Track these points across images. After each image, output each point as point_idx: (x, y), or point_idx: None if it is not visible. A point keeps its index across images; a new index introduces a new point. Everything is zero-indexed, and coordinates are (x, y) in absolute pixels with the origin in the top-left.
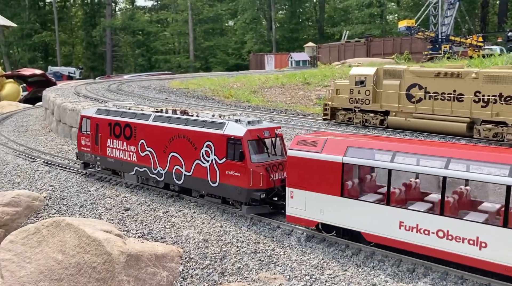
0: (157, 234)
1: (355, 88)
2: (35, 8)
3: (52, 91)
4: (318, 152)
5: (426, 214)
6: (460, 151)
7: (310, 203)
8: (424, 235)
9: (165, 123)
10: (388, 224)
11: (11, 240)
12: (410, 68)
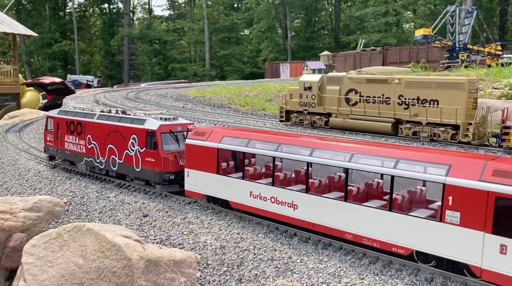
0: (175, 240)
1: (304, 93)
2: (55, 18)
3: (72, 99)
4: (204, 140)
5: (265, 185)
6: (286, 137)
7: (199, 179)
8: (263, 201)
9: (105, 120)
10: (244, 194)
11: (33, 244)
12: (347, 75)
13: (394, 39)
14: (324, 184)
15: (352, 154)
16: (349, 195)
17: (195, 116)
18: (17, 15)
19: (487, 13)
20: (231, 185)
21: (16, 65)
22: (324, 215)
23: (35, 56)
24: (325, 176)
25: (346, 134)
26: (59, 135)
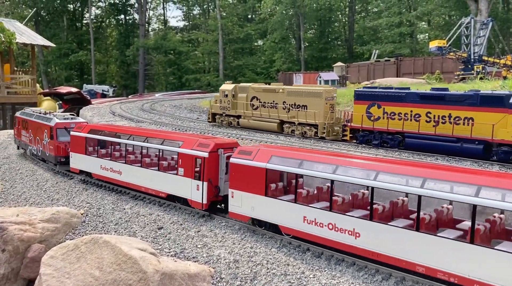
0: (189, 253)
1: (223, 99)
2: (72, 29)
3: (89, 110)
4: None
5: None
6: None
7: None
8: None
9: (36, 119)
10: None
11: (51, 256)
12: (252, 85)
13: (408, 50)
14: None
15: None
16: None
17: (208, 129)
18: (36, 26)
19: (503, 24)
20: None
21: (34, 75)
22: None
23: (52, 66)
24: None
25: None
26: (18, 130)
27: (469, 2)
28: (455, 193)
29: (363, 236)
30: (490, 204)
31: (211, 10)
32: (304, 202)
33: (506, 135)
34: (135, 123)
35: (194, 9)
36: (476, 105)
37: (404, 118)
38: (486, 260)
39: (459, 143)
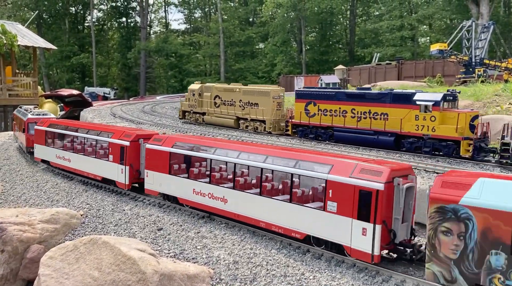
0: (189, 254)
1: (191, 98)
2: (74, 31)
3: (90, 112)
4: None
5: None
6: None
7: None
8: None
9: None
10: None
11: (50, 256)
12: (215, 85)
13: (409, 53)
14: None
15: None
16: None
17: (209, 130)
18: (38, 28)
19: (504, 27)
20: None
21: (36, 78)
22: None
23: (54, 68)
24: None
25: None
26: (14, 126)
27: (470, 6)
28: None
29: (229, 201)
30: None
31: (212, 13)
32: (193, 178)
33: (411, 128)
34: (136, 125)
35: (196, 12)
36: (389, 102)
37: (333, 115)
38: (303, 213)
39: (376, 135)
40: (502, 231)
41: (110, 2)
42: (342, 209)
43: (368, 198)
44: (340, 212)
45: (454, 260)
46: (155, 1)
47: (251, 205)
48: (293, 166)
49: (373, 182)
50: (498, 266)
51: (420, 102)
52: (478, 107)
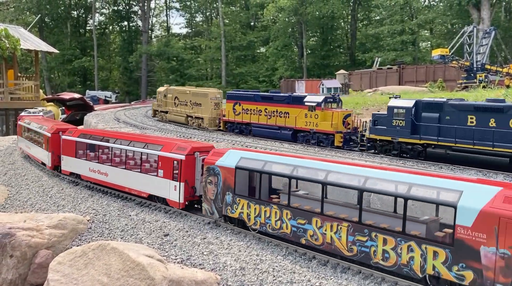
0: (196, 260)
1: (159, 98)
2: (76, 35)
3: (94, 117)
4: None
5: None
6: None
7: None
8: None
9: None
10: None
11: (59, 262)
12: (175, 88)
13: (410, 58)
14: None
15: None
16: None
17: (212, 136)
18: (40, 32)
19: (505, 32)
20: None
21: (37, 81)
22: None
23: (55, 72)
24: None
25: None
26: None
27: (471, 11)
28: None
29: (109, 175)
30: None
31: (213, 17)
32: (89, 159)
33: (302, 124)
34: (140, 130)
35: (197, 16)
36: (290, 103)
37: (252, 113)
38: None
39: (280, 130)
40: (230, 180)
41: (112, 6)
42: (165, 174)
43: (177, 165)
44: (165, 176)
45: (213, 200)
46: (156, 5)
47: (121, 177)
48: (143, 147)
49: (180, 154)
50: (229, 202)
51: (308, 103)
52: None
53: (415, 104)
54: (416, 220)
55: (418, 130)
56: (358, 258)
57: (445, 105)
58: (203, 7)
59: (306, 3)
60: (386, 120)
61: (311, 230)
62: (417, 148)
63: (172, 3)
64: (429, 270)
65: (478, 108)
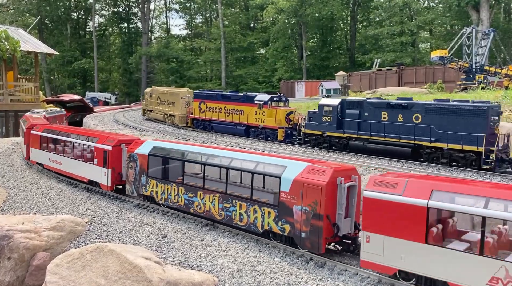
0: (193, 262)
1: (146, 98)
2: (76, 36)
3: (93, 119)
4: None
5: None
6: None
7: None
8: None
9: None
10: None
11: (56, 264)
12: (158, 88)
13: (409, 59)
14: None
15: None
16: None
17: (184, 133)
18: (40, 34)
19: (504, 34)
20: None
21: (37, 83)
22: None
23: (55, 73)
24: None
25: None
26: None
27: (470, 12)
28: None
29: (63, 164)
30: None
31: (213, 18)
32: (49, 151)
33: (253, 120)
34: (139, 132)
35: (197, 18)
36: (244, 102)
37: (214, 111)
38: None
39: (235, 126)
40: (144, 164)
41: (111, 8)
42: (98, 162)
43: (105, 154)
44: (98, 164)
45: (133, 182)
46: (156, 7)
47: (71, 165)
48: (85, 139)
49: (108, 146)
50: (144, 183)
51: (257, 102)
52: None
53: (341, 102)
54: (268, 190)
55: (343, 125)
56: (225, 220)
57: (364, 103)
58: (202, 9)
59: (306, 4)
60: (318, 117)
61: (196, 201)
62: (342, 141)
63: (172, 4)
64: (265, 226)
65: (389, 106)
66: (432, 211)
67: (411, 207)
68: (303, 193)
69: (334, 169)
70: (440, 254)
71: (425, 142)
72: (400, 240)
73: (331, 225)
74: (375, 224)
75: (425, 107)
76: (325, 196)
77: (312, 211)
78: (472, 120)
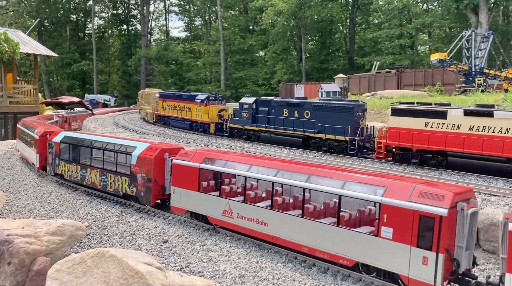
0: (195, 268)
1: (139, 99)
2: (75, 39)
3: (92, 122)
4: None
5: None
6: None
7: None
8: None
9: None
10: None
11: (57, 269)
12: (145, 91)
13: (408, 61)
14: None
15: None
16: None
17: (212, 141)
18: (39, 36)
19: (503, 36)
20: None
21: (36, 85)
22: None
23: (54, 75)
24: None
25: None
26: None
27: (469, 15)
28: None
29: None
30: None
31: (212, 21)
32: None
33: (195, 116)
34: (139, 135)
35: (196, 20)
36: (191, 100)
37: (171, 108)
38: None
39: (184, 121)
40: (57, 150)
41: (111, 10)
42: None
43: None
44: None
45: (51, 164)
46: (155, 9)
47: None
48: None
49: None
50: (57, 164)
51: (197, 100)
52: None
53: (255, 101)
54: (125, 164)
55: (256, 120)
56: (102, 188)
57: (272, 101)
58: (202, 11)
59: (305, 7)
60: (239, 114)
61: (87, 176)
62: (256, 133)
63: (171, 7)
64: (124, 190)
65: (289, 104)
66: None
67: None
68: (142, 165)
69: (162, 148)
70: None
71: (310, 133)
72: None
73: (160, 186)
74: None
75: (312, 105)
76: (153, 165)
77: (146, 176)
78: (342, 116)
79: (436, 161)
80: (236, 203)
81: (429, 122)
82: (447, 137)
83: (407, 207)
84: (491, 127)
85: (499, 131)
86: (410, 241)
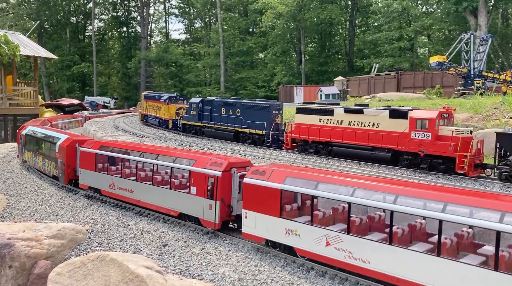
0: (194, 271)
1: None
2: (75, 41)
3: (92, 125)
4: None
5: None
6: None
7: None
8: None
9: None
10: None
11: (58, 273)
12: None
13: (407, 64)
14: None
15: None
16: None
17: (212, 144)
18: (39, 38)
19: (502, 39)
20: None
21: (36, 87)
22: None
23: (54, 77)
24: None
25: None
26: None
27: (468, 17)
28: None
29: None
30: None
31: (212, 23)
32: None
33: (164, 115)
34: (139, 139)
35: (196, 22)
36: (163, 101)
37: (150, 108)
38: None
39: (156, 119)
40: (24, 141)
41: (111, 12)
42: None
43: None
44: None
45: (21, 152)
46: (155, 11)
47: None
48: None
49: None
50: (23, 152)
51: (162, 100)
52: (477, 120)
53: (201, 101)
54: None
55: (202, 117)
56: (43, 170)
57: (214, 101)
58: (202, 13)
59: (305, 9)
60: (189, 111)
61: (37, 161)
62: (201, 129)
63: (171, 9)
64: (52, 172)
65: (225, 103)
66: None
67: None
68: (60, 152)
69: (74, 139)
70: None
71: (239, 128)
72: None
73: (72, 169)
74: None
75: (242, 104)
76: (66, 153)
77: (62, 161)
78: (261, 113)
79: (325, 150)
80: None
81: (322, 119)
82: (331, 130)
83: (202, 172)
84: (361, 122)
85: (368, 125)
86: (205, 194)
